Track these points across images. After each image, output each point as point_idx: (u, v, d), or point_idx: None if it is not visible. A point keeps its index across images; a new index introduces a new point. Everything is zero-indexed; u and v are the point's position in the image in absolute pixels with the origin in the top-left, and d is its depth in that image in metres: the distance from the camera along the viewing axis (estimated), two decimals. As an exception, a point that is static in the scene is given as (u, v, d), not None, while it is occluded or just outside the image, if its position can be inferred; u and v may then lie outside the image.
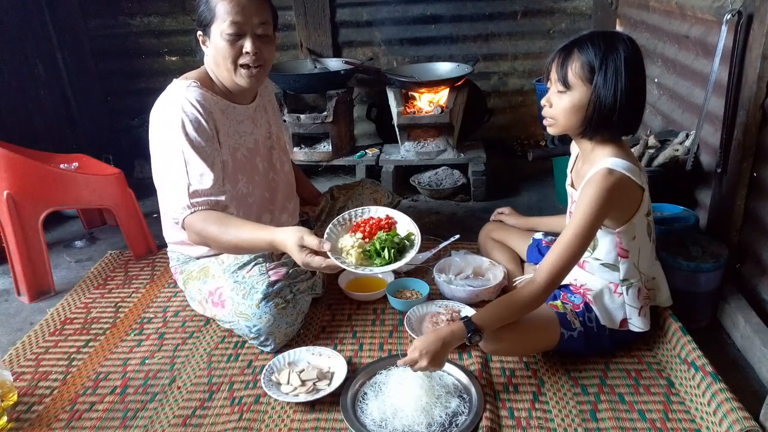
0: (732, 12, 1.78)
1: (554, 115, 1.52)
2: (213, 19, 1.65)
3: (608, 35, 1.45)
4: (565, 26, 3.37)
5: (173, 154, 1.65)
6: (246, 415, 1.53)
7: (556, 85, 1.49)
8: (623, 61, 1.40)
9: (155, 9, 3.50)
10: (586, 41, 1.44)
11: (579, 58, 1.43)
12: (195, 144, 1.65)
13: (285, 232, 1.47)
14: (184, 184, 1.62)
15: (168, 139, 1.66)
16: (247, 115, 1.86)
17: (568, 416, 1.47)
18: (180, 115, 1.65)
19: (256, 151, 1.90)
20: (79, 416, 1.56)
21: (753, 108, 1.75)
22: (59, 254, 2.57)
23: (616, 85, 1.40)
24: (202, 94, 1.70)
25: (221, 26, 1.65)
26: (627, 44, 1.42)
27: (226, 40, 1.66)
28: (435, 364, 1.45)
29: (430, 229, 2.60)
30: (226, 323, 1.80)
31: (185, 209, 1.62)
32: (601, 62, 1.41)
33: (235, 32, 1.65)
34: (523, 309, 1.48)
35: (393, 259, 1.41)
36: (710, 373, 1.45)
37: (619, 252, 1.57)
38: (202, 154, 1.65)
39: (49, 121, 3.28)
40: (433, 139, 3.02)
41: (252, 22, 1.67)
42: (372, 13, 3.40)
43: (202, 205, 1.62)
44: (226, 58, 1.68)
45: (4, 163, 2.08)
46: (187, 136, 1.64)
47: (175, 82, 1.75)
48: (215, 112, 1.73)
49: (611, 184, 1.44)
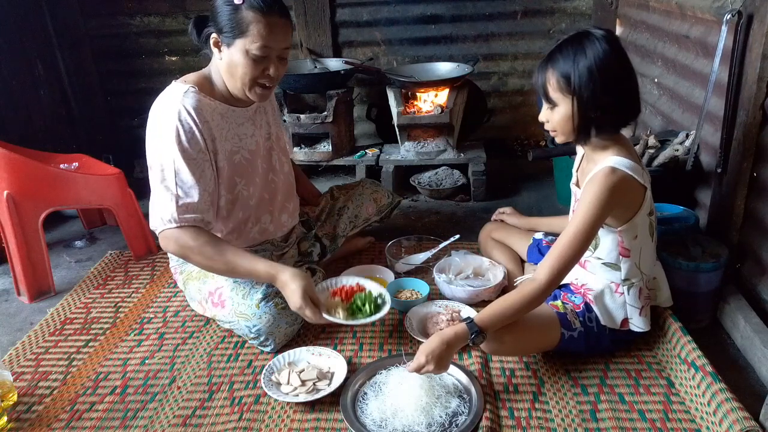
0: (732, 12, 1.78)
1: (554, 128, 1.53)
2: (242, 33, 1.61)
3: (576, 38, 1.43)
4: (565, 26, 3.37)
5: (164, 162, 1.64)
6: (246, 415, 1.53)
7: (544, 103, 1.51)
8: (594, 60, 1.38)
9: (155, 9, 3.49)
10: (556, 54, 1.45)
11: (554, 74, 1.44)
12: (187, 154, 1.64)
13: (294, 276, 1.62)
14: (172, 195, 1.62)
15: (160, 146, 1.65)
16: (246, 118, 1.86)
17: (568, 416, 1.47)
18: (175, 123, 1.64)
19: (256, 152, 1.89)
20: (79, 416, 1.56)
21: (753, 108, 1.75)
22: (59, 254, 2.57)
23: (594, 86, 1.39)
24: (199, 101, 1.69)
25: (249, 45, 1.61)
26: (597, 41, 1.40)
27: (251, 58, 1.64)
28: (441, 367, 1.45)
29: (430, 229, 2.60)
30: (226, 323, 1.80)
31: (170, 222, 1.62)
32: (572, 70, 1.40)
33: (263, 55, 1.64)
34: (525, 308, 1.48)
35: (374, 312, 1.70)
36: (710, 373, 1.45)
37: (621, 251, 1.57)
38: (192, 165, 1.65)
39: (49, 121, 3.28)
40: (433, 139, 3.02)
41: (280, 47, 1.66)
42: (372, 13, 3.40)
43: (189, 222, 1.63)
44: (246, 74, 1.66)
45: (4, 163, 2.08)
46: (180, 145, 1.63)
47: (174, 85, 1.74)
48: (213, 118, 1.72)
49: (614, 183, 1.44)
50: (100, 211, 2.81)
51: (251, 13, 1.59)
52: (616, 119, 1.48)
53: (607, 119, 1.45)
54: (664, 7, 2.46)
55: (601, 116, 1.44)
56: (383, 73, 3.12)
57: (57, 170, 2.26)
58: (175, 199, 1.62)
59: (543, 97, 1.50)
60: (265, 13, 1.60)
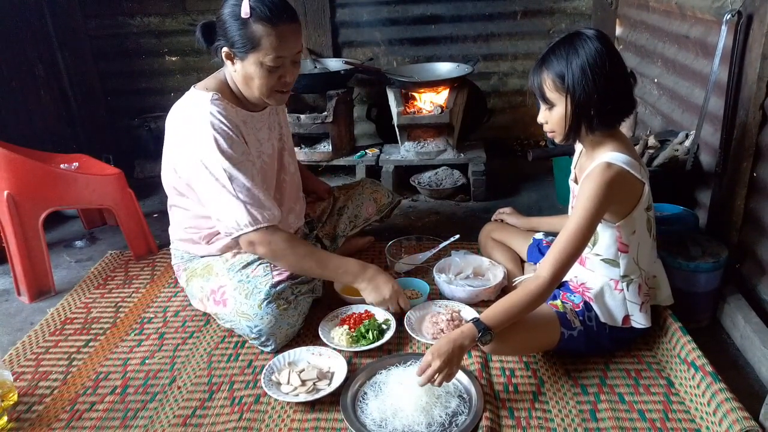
0: (732, 12, 1.78)
1: (552, 129, 1.54)
2: (254, 48, 1.60)
3: (569, 39, 1.46)
4: (565, 26, 3.37)
5: (216, 173, 1.64)
6: (246, 415, 1.53)
7: (542, 104, 1.52)
8: (587, 58, 1.41)
9: (155, 9, 3.49)
10: (549, 55, 1.47)
11: (549, 75, 1.46)
12: (234, 160, 1.64)
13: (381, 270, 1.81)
14: (236, 201, 1.64)
15: (204, 158, 1.64)
16: (263, 122, 1.86)
17: (568, 416, 1.47)
18: (211, 132, 1.63)
19: (272, 155, 1.90)
20: (80, 416, 1.56)
21: (753, 108, 1.75)
22: (59, 254, 2.57)
23: (587, 84, 1.41)
24: (225, 108, 1.69)
25: (263, 57, 1.61)
26: (588, 40, 1.42)
27: (266, 69, 1.63)
28: (449, 367, 1.43)
29: (430, 229, 2.60)
30: (226, 322, 1.80)
31: (247, 226, 1.65)
32: (566, 70, 1.43)
33: (278, 65, 1.64)
34: (530, 305, 1.48)
35: (376, 339, 1.74)
36: (710, 373, 1.45)
37: (619, 246, 1.58)
38: (243, 168, 1.66)
39: (49, 121, 3.28)
40: (433, 139, 3.02)
41: (292, 53, 1.66)
42: (372, 13, 3.40)
43: (266, 222, 1.67)
44: (263, 85, 1.66)
45: (4, 163, 2.08)
46: (223, 153, 1.63)
47: (196, 92, 1.72)
48: (239, 124, 1.73)
49: (610, 178, 1.45)
50: (100, 211, 2.81)
51: (260, 27, 1.58)
52: (611, 116, 1.49)
53: (601, 116, 1.46)
54: (664, 7, 2.47)
55: (595, 113, 1.45)
56: (383, 73, 3.12)
57: (57, 170, 2.26)
58: (243, 205, 1.64)
59: (540, 99, 1.51)
60: (274, 24, 1.58)
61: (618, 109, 1.49)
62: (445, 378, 1.44)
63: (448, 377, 1.45)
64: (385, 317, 1.84)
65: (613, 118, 1.50)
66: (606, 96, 1.43)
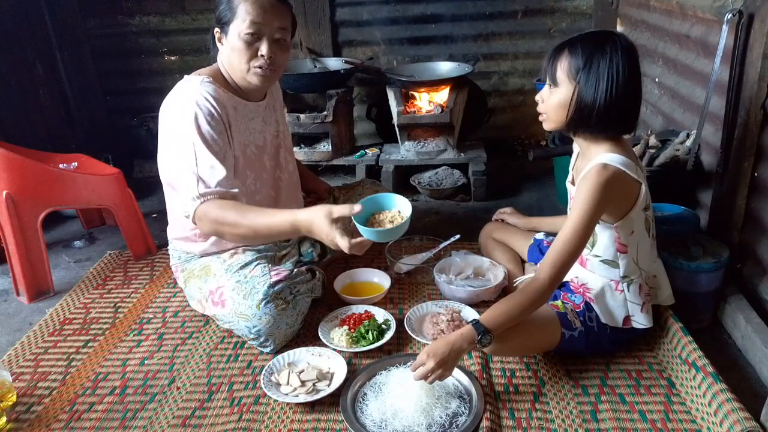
0: (733, 12, 1.78)
1: (545, 110, 1.54)
2: (233, 18, 1.66)
3: (601, 36, 1.46)
4: (566, 26, 3.37)
5: (184, 146, 1.63)
6: (245, 416, 1.52)
7: (548, 81, 1.51)
8: (609, 63, 1.41)
9: (155, 9, 3.49)
10: (577, 41, 1.46)
11: (567, 57, 1.46)
12: (207, 137, 1.64)
13: (310, 210, 1.48)
14: (194, 175, 1.60)
15: (180, 131, 1.65)
16: (257, 113, 1.87)
17: (568, 417, 1.47)
18: (194, 108, 1.65)
19: (264, 148, 1.91)
20: (79, 417, 1.56)
21: (754, 108, 1.75)
22: (58, 254, 2.57)
23: (597, 86, 1.41)
24: (215, 90, 1.71)
25: (240, 26, 1.65)
26: (618, 47, 1.42)
27: (243, 40, 1.66)
28: (445, 368, 1.43)
29: (430, 229, 2.60)
30: (225, 323, 1.80)
31: (195, 199, 1.58)
32: (585, 62, 1.42)
33: (254, 33, 1.66)
34: (530, 307, 1.48)
35: (376, 340, 1.73)
36: (711, 374, 1.45)
37: (618, 247, 1.57)
38: (213, 148, 1.64)
39: (48, 121, 3.28)
40: (433, 138, 3.02)
41: (271, 26, 1.68)
42: (372, 13, 3.40)
43: (213, 195, 1.59)
44: (241, 57, 1.69)
45: (3, 163, 2.07)
46: (199, 128, 1.63)
47: (188, 77, 1.75)
48: (228, 108, 1.74)
49: (606, 179, 1.44)
50: (99, 211, 2.81)
51: None
52: (608, 128, 1.49)
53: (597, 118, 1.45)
54: (665, 6, 2.46)
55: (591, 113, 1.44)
56: (383, 73, 3.12)
57: (56, 170, 2.26)
58: (196, 178, 1.60)
59: (549, 75, 1.50)
60: None
61: (617, 126, 1.49)
62: (438, 378, 1.44)
63: (440, 377, 1.45)
64: (385, 317, 1.84)
65: (610, 130, 1.50)
66: (611, 109, 1.43)
